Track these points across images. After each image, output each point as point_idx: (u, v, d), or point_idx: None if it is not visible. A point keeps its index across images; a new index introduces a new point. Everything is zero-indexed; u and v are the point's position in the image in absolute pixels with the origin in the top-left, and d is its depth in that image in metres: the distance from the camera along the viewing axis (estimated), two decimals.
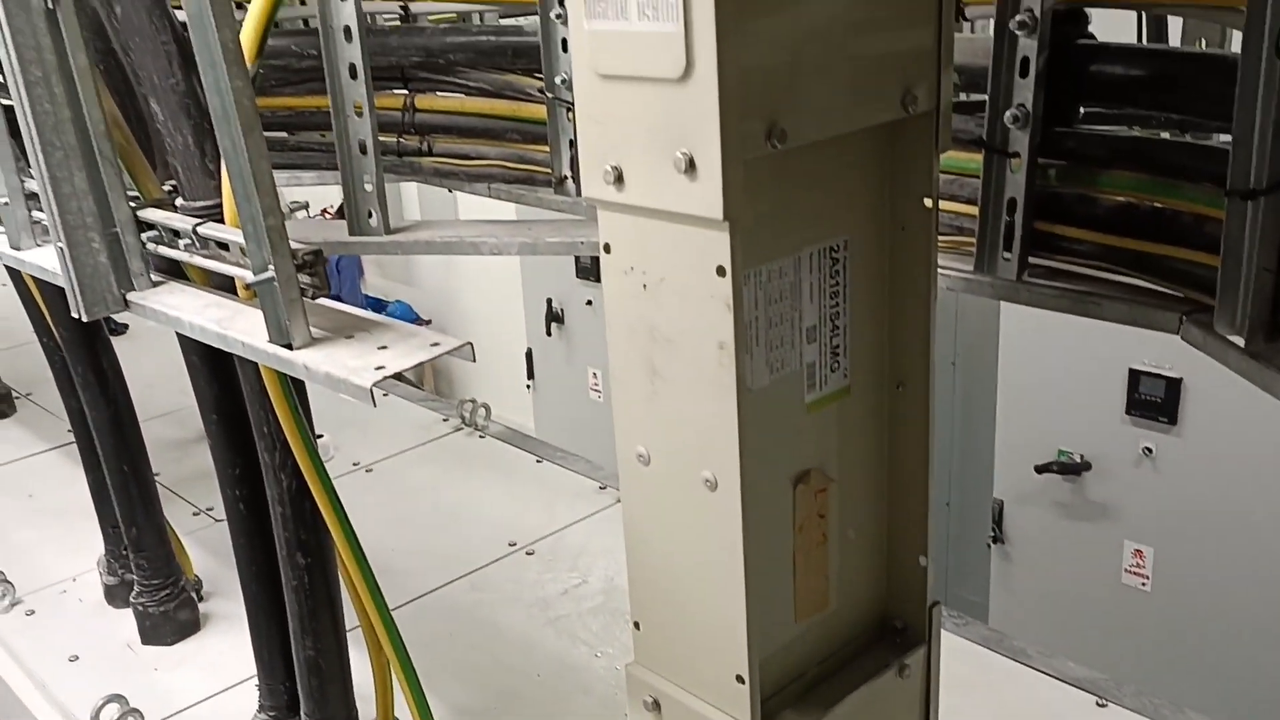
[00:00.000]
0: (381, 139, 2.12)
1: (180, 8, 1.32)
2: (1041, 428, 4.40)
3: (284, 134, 2.51)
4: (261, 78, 2.26)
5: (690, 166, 1.09)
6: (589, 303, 6.43)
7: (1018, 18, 1.40)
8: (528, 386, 7.05)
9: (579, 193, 2.08)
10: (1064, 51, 1.41)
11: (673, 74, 1.07)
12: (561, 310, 6.65)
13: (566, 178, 2.13)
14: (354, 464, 3.43)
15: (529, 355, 6.95)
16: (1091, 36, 1.43)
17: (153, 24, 1.55)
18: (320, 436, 1.78)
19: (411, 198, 8.65)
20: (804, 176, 1.22)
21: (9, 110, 1.82)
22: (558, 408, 6.84)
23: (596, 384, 6.62)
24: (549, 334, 6.71)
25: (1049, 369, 4.33)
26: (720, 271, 1.12)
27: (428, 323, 8.90)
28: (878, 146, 1.27)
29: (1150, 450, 4.14)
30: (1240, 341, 1.20)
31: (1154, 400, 4.09)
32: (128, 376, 2.42)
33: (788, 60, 1.10)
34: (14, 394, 3.93)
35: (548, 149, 2.16)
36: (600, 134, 1.17)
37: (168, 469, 3.35)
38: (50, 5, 1.51)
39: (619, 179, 1.17)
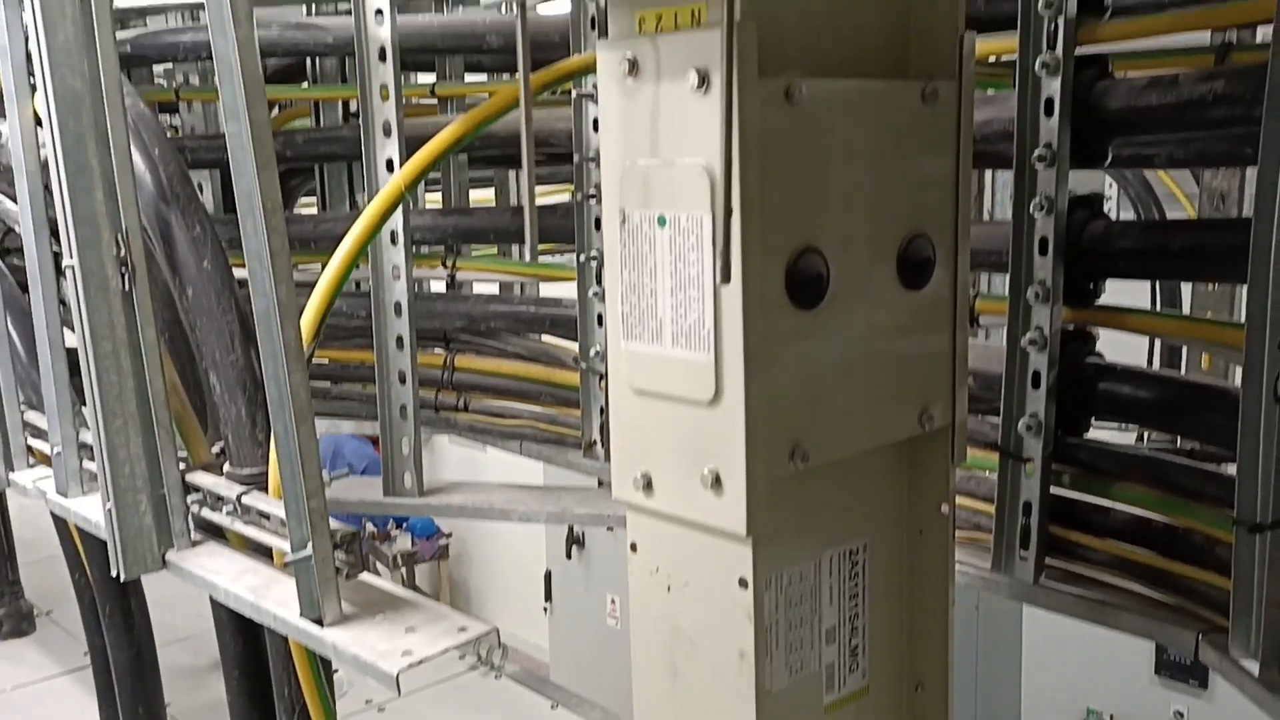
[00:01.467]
0: (420, 393, 2.22)
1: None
2: (1070, 686, 4.29)
3: (327, 383, 2.62)
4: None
5: (716, 483, 1.15)
6: (610, 529, 6.42)
7: (1028, 335, 1.48)
8: (545, 609, 6.96)
9: (608, 458, 2.14)
10: (1074, 368, 1.49)
11: (703, 398, 1.14)
12: (583, 534, 6.64)
13: (595, 442, 2.20)
14: (366, 701, 3.38)
15: (548, 577, 6.89)
16: (1100, 356, 1.51)
17: (219, 304, 1.67)
18: (336, 671, 1.78)
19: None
20: (826, 489, 1.27)
21: (71, 353, 1.93)
22: (575, 633, 6.72)
23: (615, 610, 6.53)
24: (569, 557, 6.67)
25: (1076, 624, 4.26)
26: (742, 583, 1.16)
27: (448, 535, 8.87)
28: (896, 460, 1.34)
29: (1182, 715, 4.02)
30: (1255, 668, 1.22)
31: (1183, 663, 4.00)
32: (147, 588, 2.43)
33: (811, 387, 1.18)
34: (35, 611, 3.93)
35: (579, 413, 2.24)
36: (632, 442, 1.24)
37: (179, 698, 3.31)
38: (127, 287, 1.63)
39: (648, 485, 1.23)
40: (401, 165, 1.91)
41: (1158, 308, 2.58)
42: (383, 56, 1.89)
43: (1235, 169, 1.94)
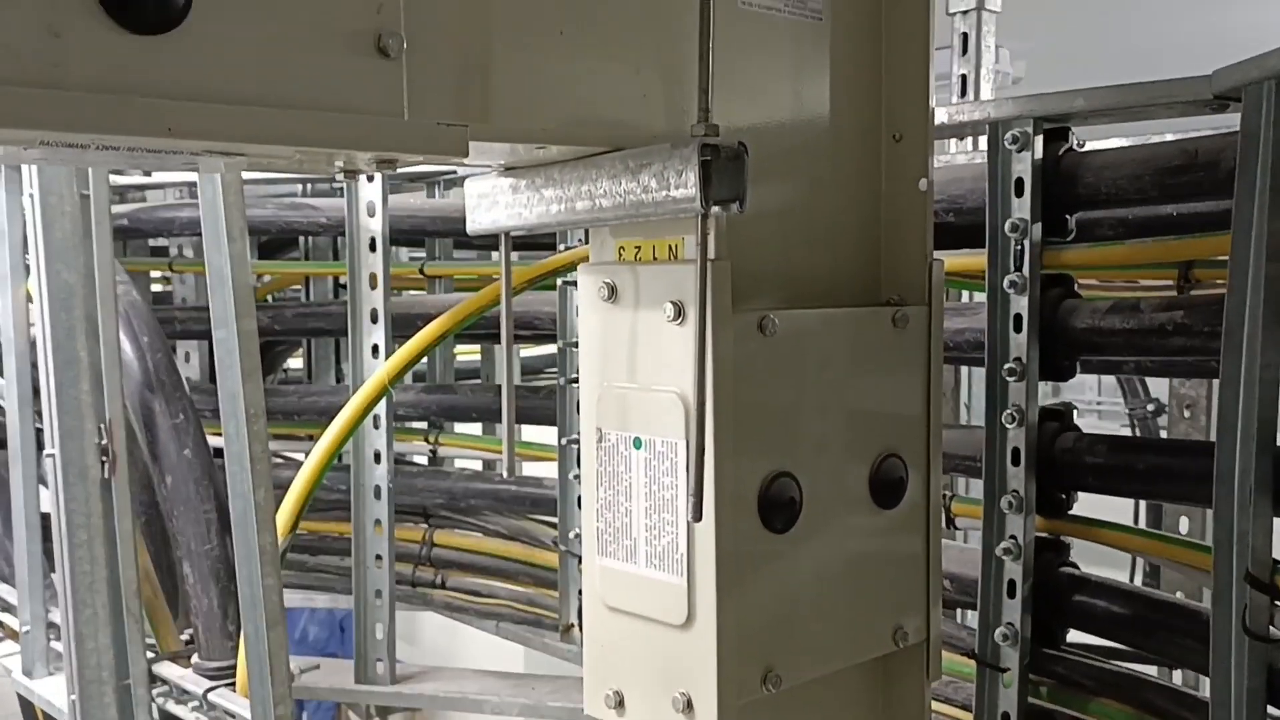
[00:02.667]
0: (397, 568, 2.20)
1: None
2: None
3: (305, 555, 2.60)
4: None
5: (688, 706, 1.14)
6: None
7: (1003, 544, 1.50)
8: None
9: (583, 643, 2.12)
10: (1048, 578, 1.50)
11: (675, 621, 1.14)
12: None
13: (573, 625, 2.18)
14: None
15: None
16: (1075, 566, 1.52)
17: (198, 493, 1.67)
18: None
19: None
20: (798, 709, 1.26)
21: (45, 519, 1.91)
22: None
23: None
24: None
25: None
26: None
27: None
28: (870, 677, 1.32)
29: None
30: None
31: None
32: None
33: (784, 610, 1.18)
34: None
35: (557, 594, 2.22)
36: (605, 658, 1.23)
37: None
38: (106, 475, 1.64)
39: (620, 704, 1.22)
40: (387, 351, 1.94)
41: (1141, 513, 2.61)
42: (373, 247, 1.95)
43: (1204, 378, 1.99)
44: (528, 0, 1.00)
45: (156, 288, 3.01)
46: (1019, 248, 1.46)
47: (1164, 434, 3.09)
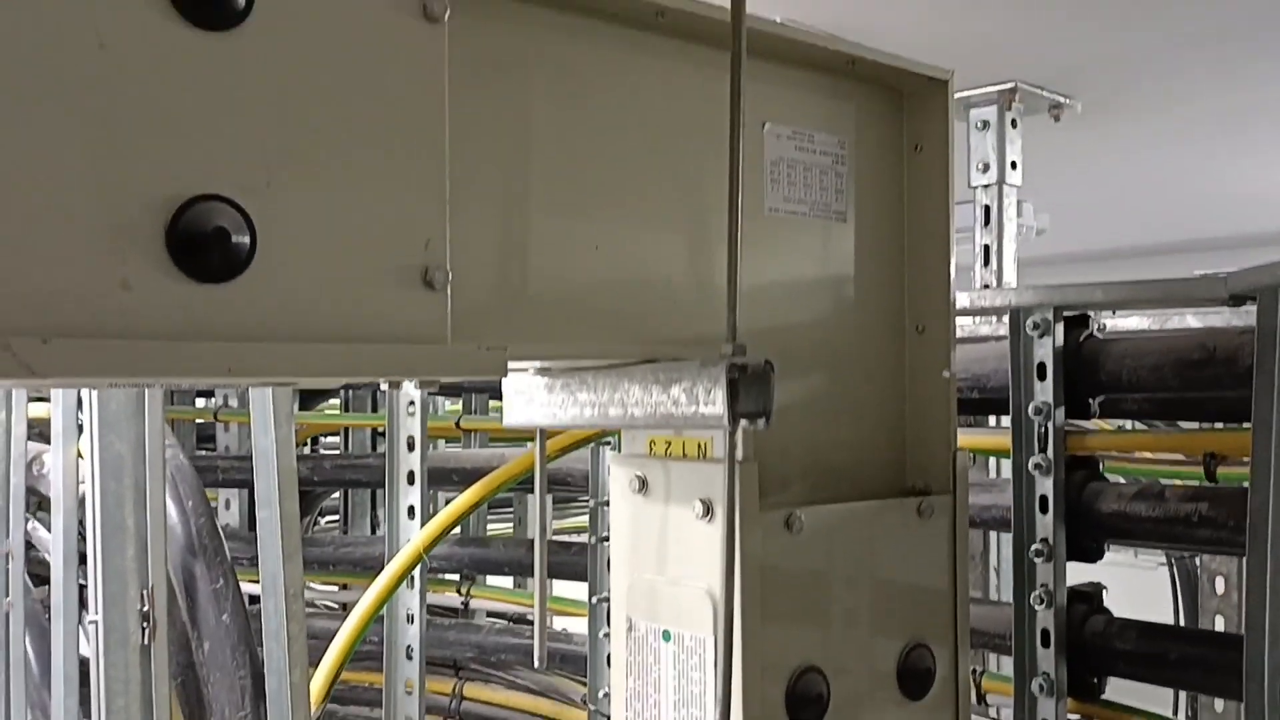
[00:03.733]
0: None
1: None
2: None
3: (335, 705, 2.60)
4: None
5: None
6: None
7: None
8: None
9: None
10: None
11: None
12: None
13: None
14: None
15: None
16: None
17: (234, 660, 1.69)
18: None
19: None
20: None
21: (82, 664, 1.93)
22: None
23: None
24: None
25: None
26: None
27: None
28: None
29: None
30: None
31: None
32: None
33: None
34: None
35: None
36: None
37: None
38: (146, 641, 1.67)
39: None
40: (423, 511, 1.97)
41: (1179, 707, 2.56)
42: (410, 410, 2.00)
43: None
44: (563, 222, 1.07)
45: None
46: (1043, 430, 1.49)
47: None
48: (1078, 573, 1.56)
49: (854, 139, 1.33)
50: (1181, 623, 3.22)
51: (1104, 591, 1.54)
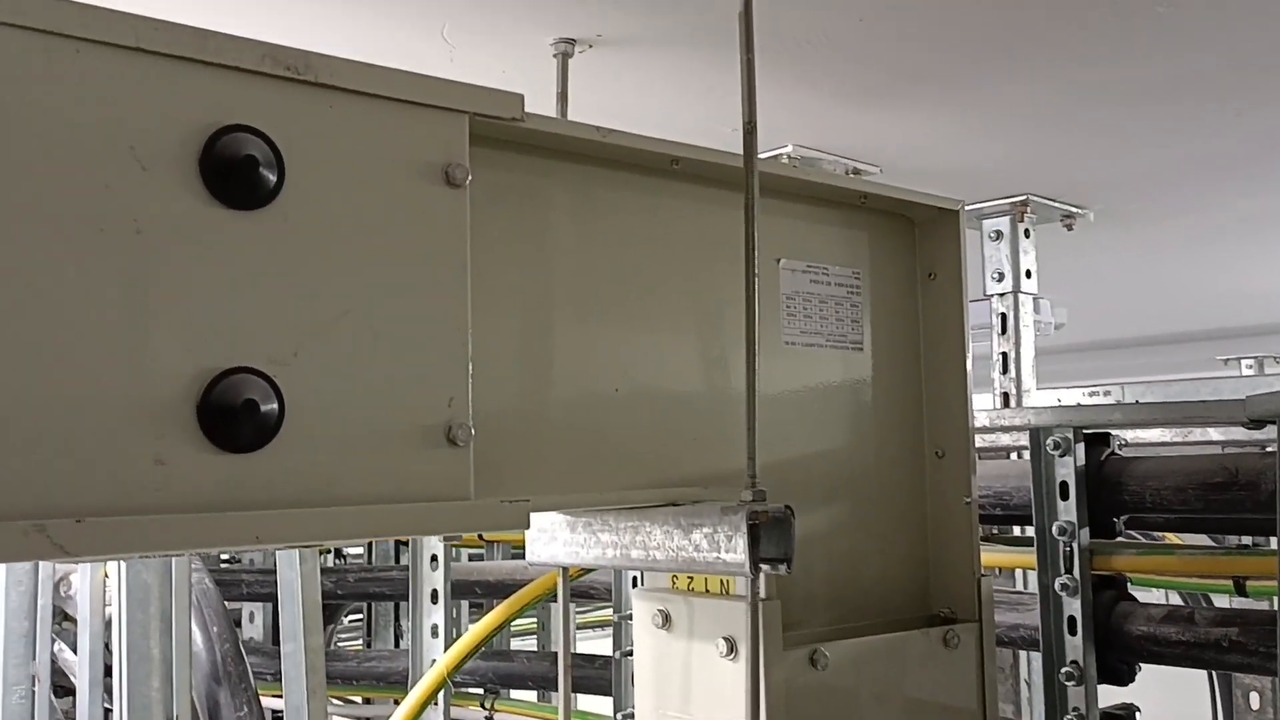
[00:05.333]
0: None
1: None
2: None
3: None
4: None
5: None
6: None
7: None
8: None
9: None
10: None
11: None
12: None
13: None
14: None
15: None
16: None
17: None
18: None
19: None
20: None
21: None
22: None
23: None
24: None
25: None
26: None
27: None
28: None
29: None
30: None
31: None
32: None
33: None
34: None
35: None
36: None
37: None
38: None
39: None
40: (447, 630, 1.97)
41: None
42: None
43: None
44: (582, 367, 1.09)
45: None
46: (1068, 550, 1.48)
47: None
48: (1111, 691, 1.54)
49: (868, 269, 1.35)
50: None
51: (1137, 714, 1.51)
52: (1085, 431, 1.49)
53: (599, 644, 3.44)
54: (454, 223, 0.93)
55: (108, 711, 2.01)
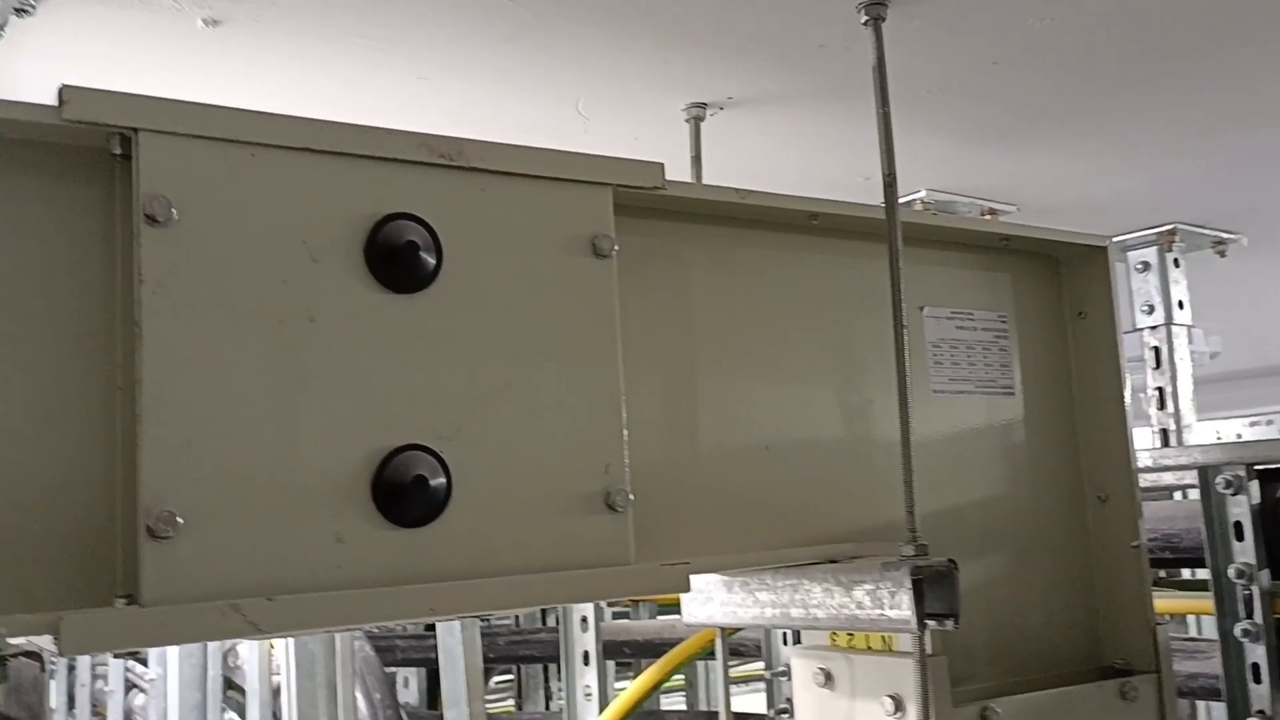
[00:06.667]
0: None
1: None
2: None
3: None
4: None
5: None
6: None
7: None
8: None
9: None
10: None
11: None
12: None
13: None
14: None
15: None
16: None
17: None
18: None
19: None
20: None
21: None
22: None
23: None
24: None
25: None
26: None
27: None
28: None
29: None
30: None
31: None
32: None
33: None
34: None
35: None
36: None
37: None
38: None
39: None
40: (601, 690, 1.97)
41: None
42: None
43: None
44: (732, 426, 1.09)
45: None
46: (1247, 593, 1.41)
47: None
48: None
49: (1014, 311, 1.32)
50: None
51: None
52: (1258, 468, 1.42)
53: (744, 700, 3.40)
54: (603, 292, 0.96)
55: None
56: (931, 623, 1.00)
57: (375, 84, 1.24)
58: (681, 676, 3.14)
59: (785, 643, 2.15)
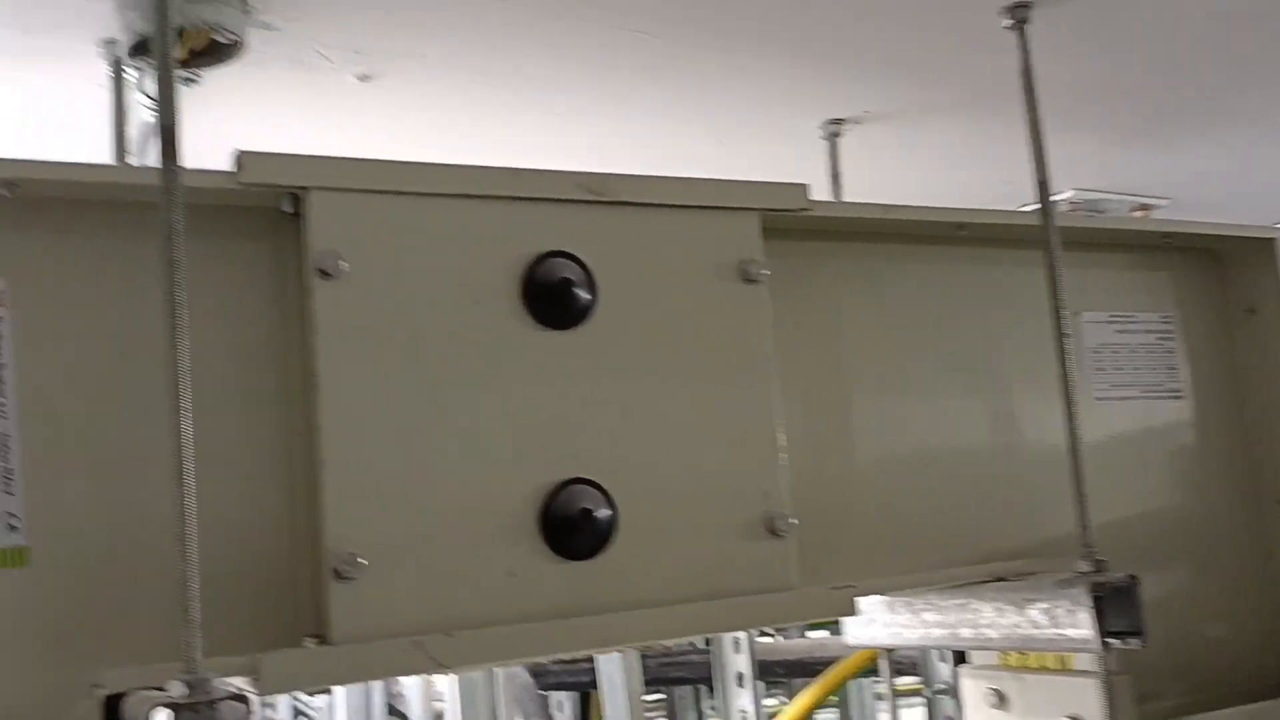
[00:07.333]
0: None
1: None
2: None
3: None
4: None
5: None
6: None
7: None
8: None
9: None
10: None
11: None
12: None
13: None
14: None
15: None
16: None
17: None
18: None
19: None
20: None
21: None
22: None
23: None
24: None
25: None
26: None
27: None
28: None
29: None
30: None
31: None
32: None
33: None
34: None
35: None
36: None
37: None
38: None
39: None
40: (756, 715, 1.96)
41: None
42: None
43: None
44: (890, 444, 1.07)
45: None
46: None
47: None
48: None
49: (1177, 312, 1.27)
50: None
51: None
52: None
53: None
54: (755, 317, 0.95)
55: None
56: (1115, 641, 0.96)
57: (515, 122, 1.27)
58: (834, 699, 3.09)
59: (942, 660, 2.10)
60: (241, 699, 0.63)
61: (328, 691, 2.45)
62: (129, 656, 0.73)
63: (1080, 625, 0.95)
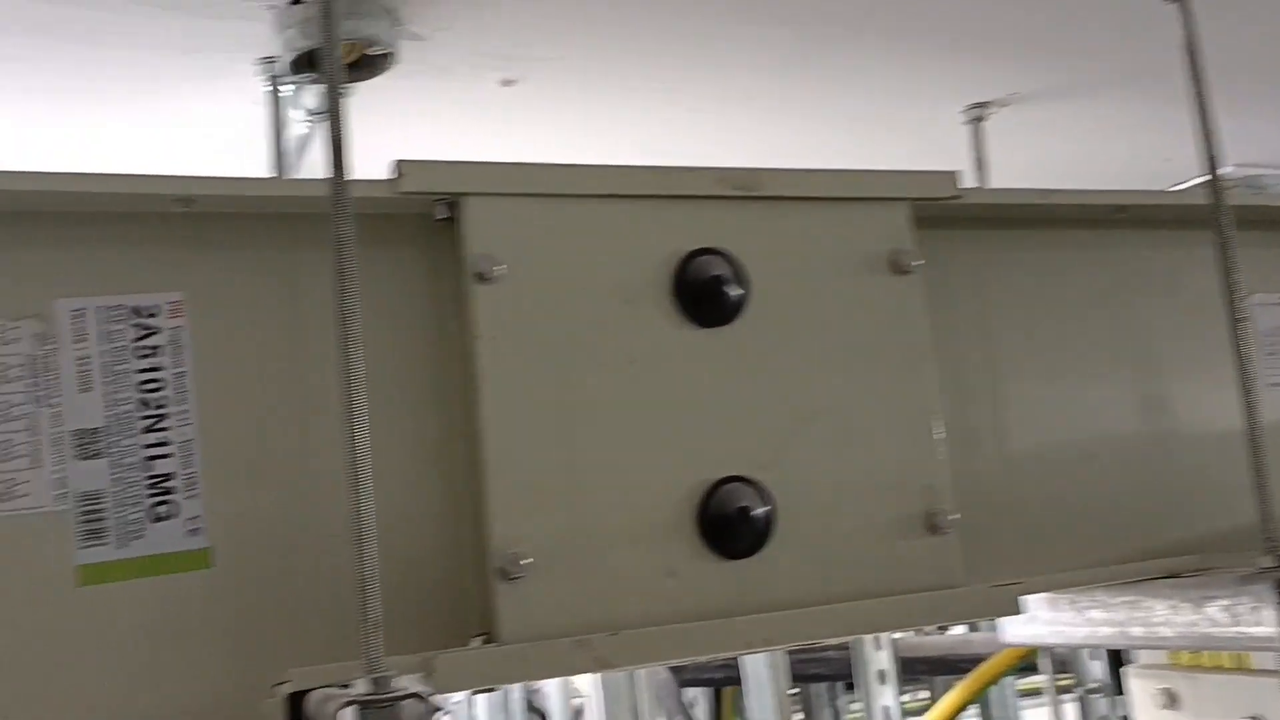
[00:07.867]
0: None
1: None
2: None
3: None
4: None
5: None
6: None
7: None
8: None
9: None
10: None
11: None
12: None
13: None
14: None
15: None
16: None
17: None
18: None
19: None
20: None
21: None
22: None
23: None
24: None
25: None
26: None
27: None
28: None
29: None
30: None
31: None
32: None
33: None
34: None
35: None
36: None
37: None
38: None
39: None
40: (898, 712, 1.92)
41: None
42: None
43: None
44: (1054, 435, 1.04)
45: None
46: None
47: None
48: None
49: None
50: None
51: None
52: None
53: (1036, 715, 3.23)
54: (909, 309, 0.93)
55: None
56: None
57: (649, 122, 1.27)
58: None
59: (1093, 657, 2.04)
60: (422, 698, 0.64)
61: (492, 689, 2.50)
62: (304, 656, 0.75)
63: (1264, 623, 0.90)
